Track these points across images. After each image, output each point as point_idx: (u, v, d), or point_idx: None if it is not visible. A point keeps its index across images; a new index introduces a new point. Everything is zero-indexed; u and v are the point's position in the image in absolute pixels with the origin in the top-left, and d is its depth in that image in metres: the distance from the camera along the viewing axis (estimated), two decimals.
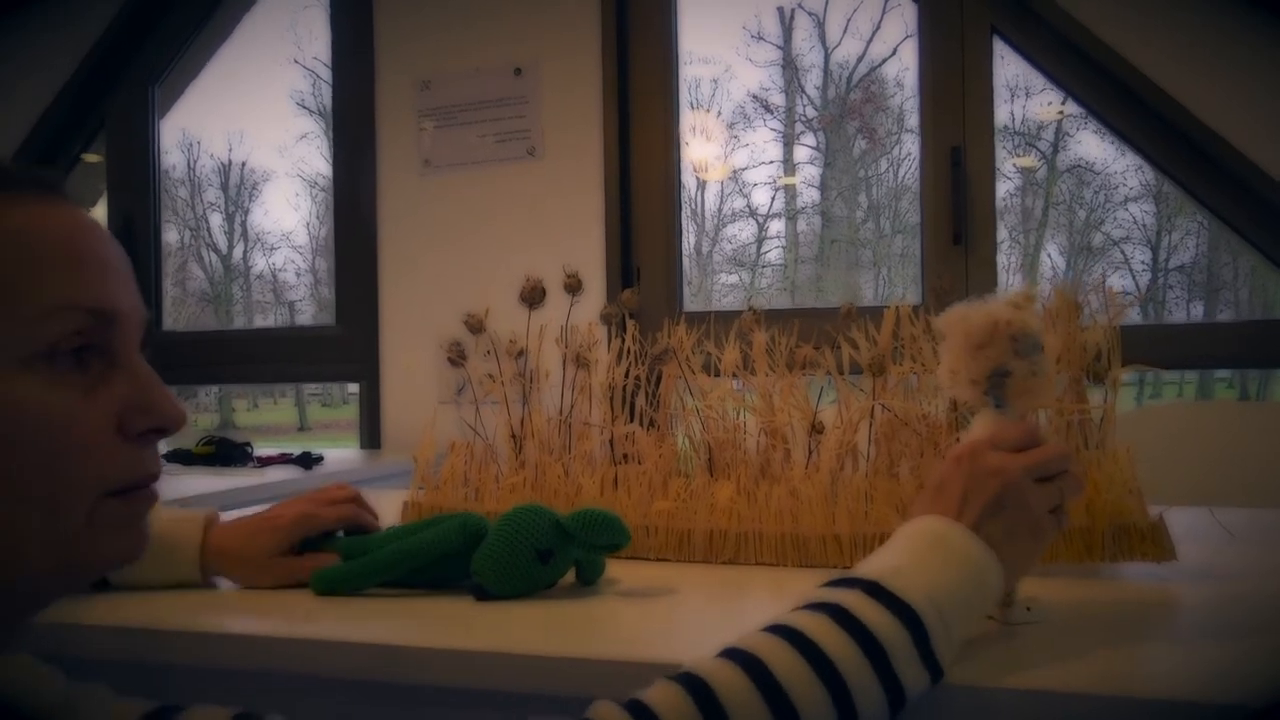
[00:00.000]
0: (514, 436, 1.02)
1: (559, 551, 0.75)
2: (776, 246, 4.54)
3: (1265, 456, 1.62)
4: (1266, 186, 1.62)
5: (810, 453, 0.91)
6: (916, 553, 0.56)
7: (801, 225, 4.47)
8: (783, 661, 0.49)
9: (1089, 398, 0.85)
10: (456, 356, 1.08)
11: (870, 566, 0.56)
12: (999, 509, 0.58)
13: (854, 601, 0.53)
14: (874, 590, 0.53)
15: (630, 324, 1.01)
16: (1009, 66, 1.85)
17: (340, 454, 2.00)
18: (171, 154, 2.53)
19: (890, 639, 0.51)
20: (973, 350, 0.62)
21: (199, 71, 2.40)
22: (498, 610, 0.72)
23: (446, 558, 0.77)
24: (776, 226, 4.56)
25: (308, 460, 1.76)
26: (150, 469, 0.52)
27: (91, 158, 2.38)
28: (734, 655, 0.50)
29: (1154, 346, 1.75)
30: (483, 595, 0.74)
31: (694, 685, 0.48)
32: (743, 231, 4.48)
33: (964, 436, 0.66)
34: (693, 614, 0.74)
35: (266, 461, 1.79)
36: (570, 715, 0.49)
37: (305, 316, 5.77)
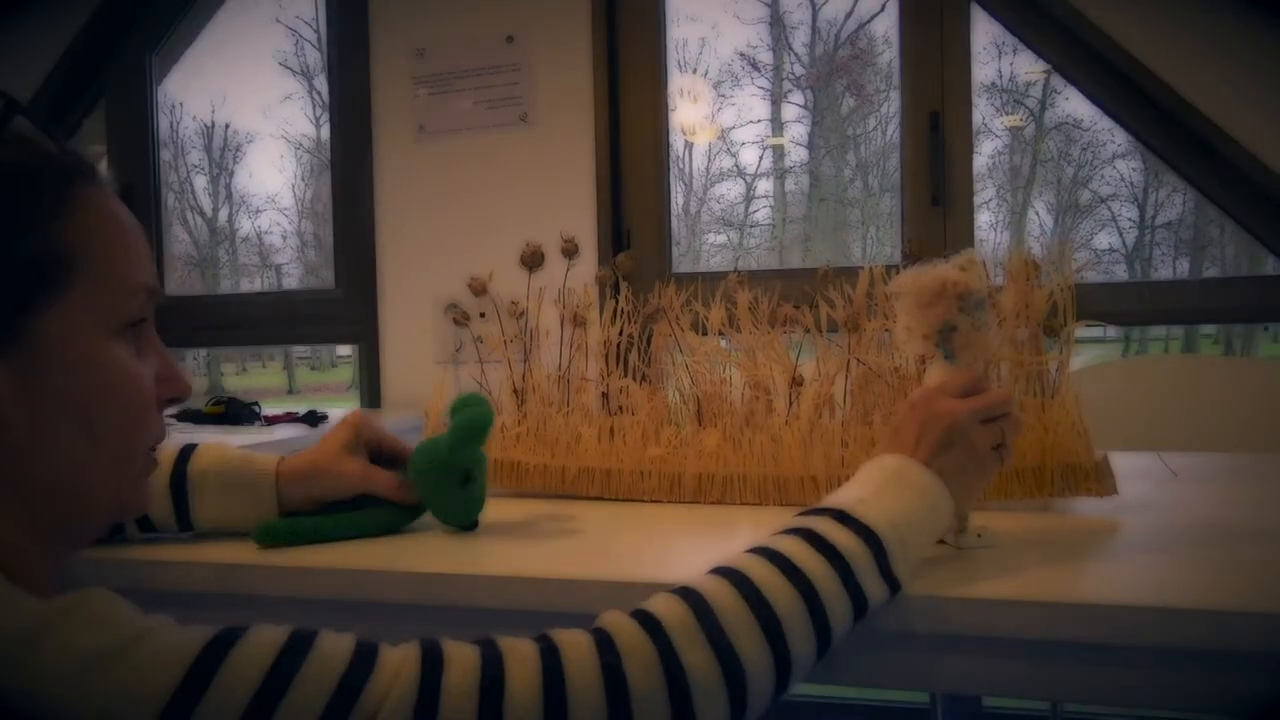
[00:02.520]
0: (516, 391, 1.10)
1: (463, 461, 0.82)
2: (765, 206, 4.58)
3: (1238, 408, 1.70)
4: (1245, 161, 1.66)
5: (790, 403, 0.99)
6: (877, 485, 0.64)
7: (789, 184, 4.51)
8: (764, 575, 0.57)
9: (1046, 350, 0.93)
10: (461, 318, 1.15)
11: (838, 498, 0.64)
12: (948, 446, 0.66)
13: (824, 526, 0.61)
14: (841, 517, 0.61)
15: (624, 285, 1.08)
16: (995, 24, 1.89)
17: (343, 413, 2.07)
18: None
19: (855, 556, 0.59)
20: (923, 308, 0.70)
21: (194, 38, 2.43)
22: (512, 542, 0.81)
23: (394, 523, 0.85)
24: (764, 186, 4.59)
25: (314, 419, 1.84)
26: (164, 432, 0.61)
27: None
28: (722, 571, 0.58)
29: (1138, 301, 1.81)
30: (471, 527, 0.84)
31: (689, 595, 0.55)
32: (731, 191, 4.51)
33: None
34: (684, 544, 0.83)
35: (273, 420, 1.86)
36: (582, 627, 0.56)
37: (292, 279, 5.78)
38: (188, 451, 0.82)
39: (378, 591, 0.74)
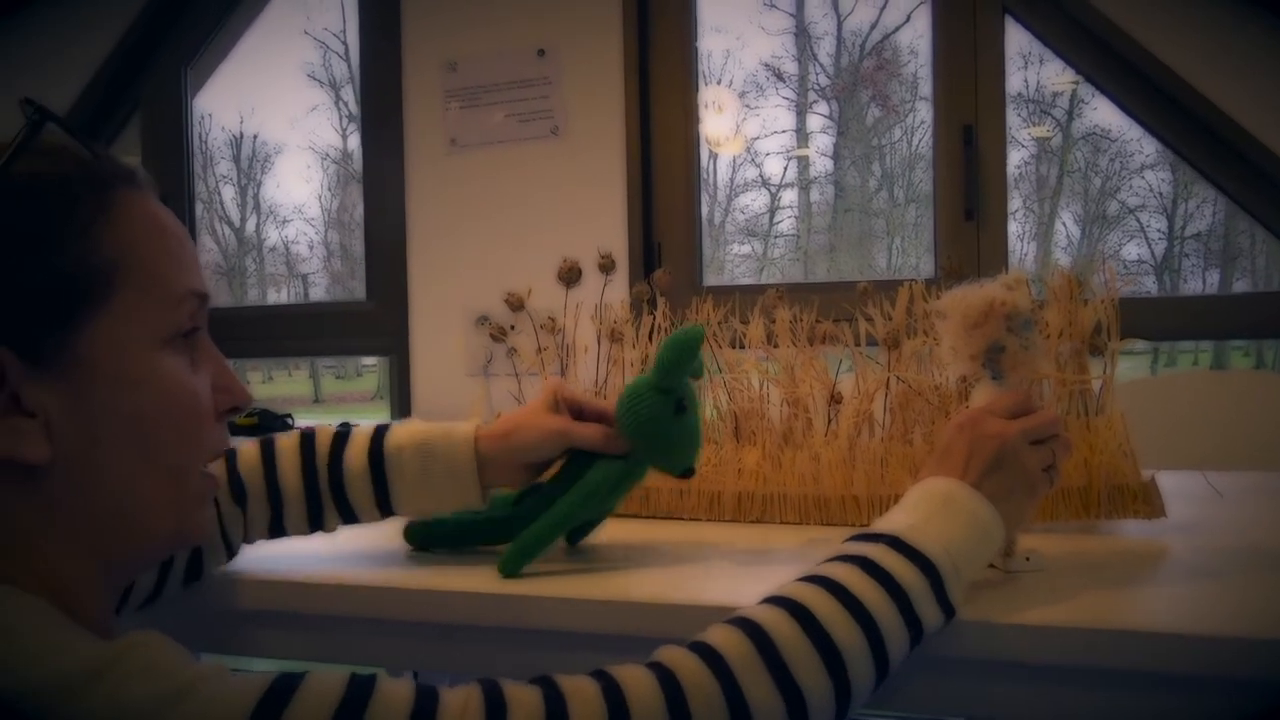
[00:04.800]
0: None
1: (675, 388, 0.76)
2: (789, 216, 4.57)
3: (1271, 423, 1.68)
4: (1276, 168, 1.65)
5: (830, 421, 0.98)
6: (930, 510, 0.63)
7: (814, 195, 4.50)
8: (823, 606, 0.56)
9: (1091, 368, 0.92)
10: (497, 332, 1.16)
11: (890, 523, 0.63)
12: (998, 468, 0.65)
13: (879, 554, 0.60)
14: (896, 544, 0.60)
15: (661, 301, 1.08)
16: (1024, 34, 1.88)
17: (375, 423, 2.08)
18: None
19: (912, 586, 0.58)
20: (970, 329, 0.69)
21: (228, 52, 2.46)
22: (551, 562, 0.80)
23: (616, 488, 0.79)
24: (789, 196, 4.58)
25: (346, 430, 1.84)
26: (228, 444, 0.58)
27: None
28: (780, 602, 0.56)
29: (1169, 317, 1.79)
30: (689, 473, 0.78)
31: (750, 628, 0.54)
32: (755, 201, 4.51)
33: (968, 406, 0.74)
34: (726, 565, 0.82)
35: None
36: (626, 652, 0.56)
37: (319, 290, 5.83)
38: (382, 430, 0.79)
39: (412, 611, 0.74)
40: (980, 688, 0.64)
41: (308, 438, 0.79)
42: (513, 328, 1.15)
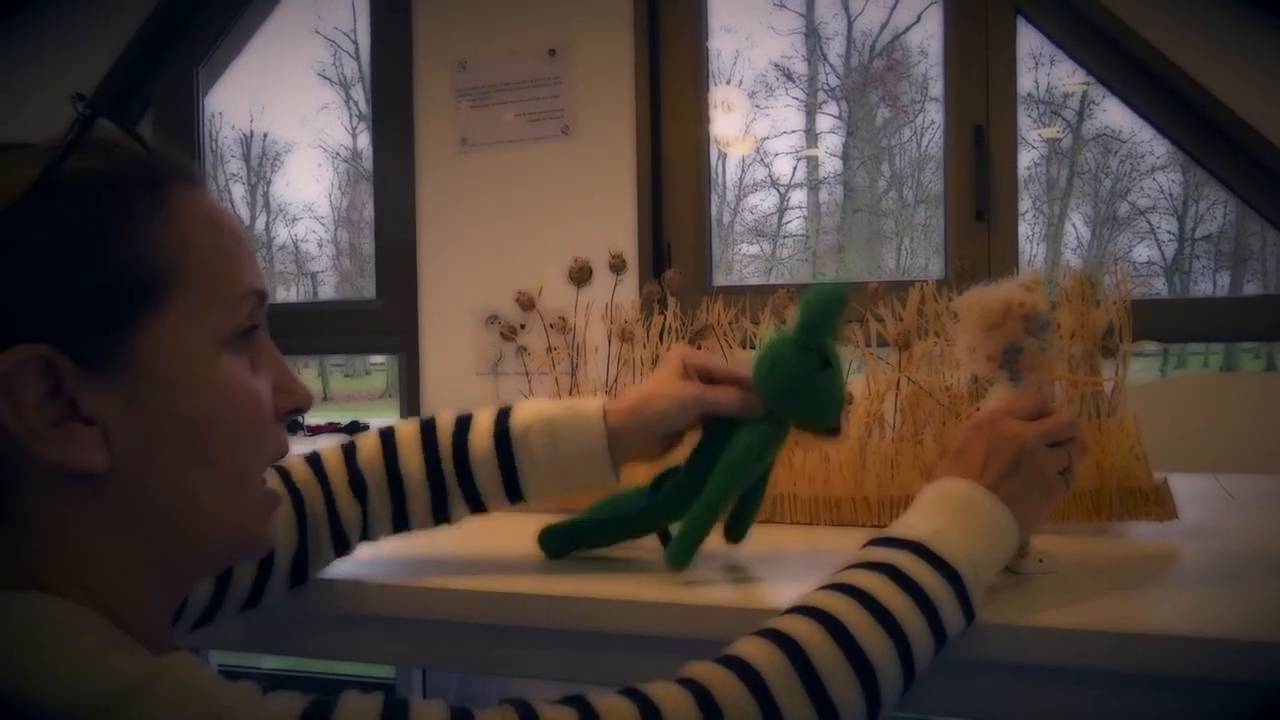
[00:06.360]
0: None
1: (818, 345, 0.71)
2: (798, 217, 4.57)
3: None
4: None
5: None
6: (951, 516, 0.63)
7: (823, 195, 4.50)
8: (855, 618, 0.56)
9: (1102, 370, 0.92)
10: (508, 331, 1.16)
11: (913, 529, 0.62)
12: (1015, 470, 0.64)
13: (906, 562, 0.59)
14: (922, 552, 0.60)
15: (671, 301, 1.08)
16: (1034, 35, 1.88)
17: (383, 423, 2.08)
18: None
19: (940, 596, 0.58)
20: (988, 329, 0.69)
21: (239, 51, 2.47)
22: (560, 561, 0.81)
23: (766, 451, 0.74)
24: (798, 196, 4.58)
25: (355, 429, 1.85)
26: (287, 447, 0.56)
27: None
28: (811, 612, 0.56)
29: (1179, 319, 1.78)
30: (835, 431, 0.73)
31: (783, 641, 0.54)
32: (764, 202, 4.50)
33: (982, 407, 0.73)
34: (737, 566, 0.82)
35: (316, 430, 1.88)
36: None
37: (328, 288, 5.85)
38: (505, 411, 0.75)
39: (425, 610, 0.74)
40: (995, 690, 0.64)
41: (428, 425, 0.76)
42: (523, 327, 1.15)
